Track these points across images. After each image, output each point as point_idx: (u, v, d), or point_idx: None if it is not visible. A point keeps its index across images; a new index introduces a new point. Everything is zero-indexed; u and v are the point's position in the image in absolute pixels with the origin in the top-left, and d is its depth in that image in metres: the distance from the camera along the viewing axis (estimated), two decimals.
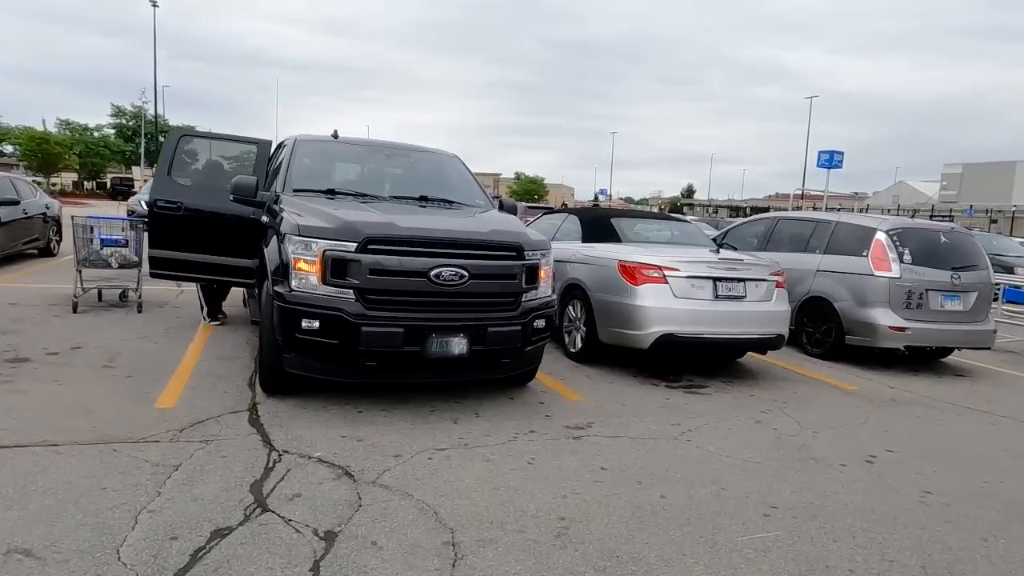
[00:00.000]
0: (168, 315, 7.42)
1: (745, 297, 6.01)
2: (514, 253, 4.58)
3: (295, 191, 5.21)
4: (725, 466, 4.00)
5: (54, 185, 51.30)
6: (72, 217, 8.26)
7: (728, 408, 5.27)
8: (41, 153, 46.69)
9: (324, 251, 4.15)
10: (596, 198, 71.18)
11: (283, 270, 4.30)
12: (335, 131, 6.06)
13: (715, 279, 5.90)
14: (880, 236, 7.15)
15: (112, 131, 55.05)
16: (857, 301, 7.08)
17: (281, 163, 5.76)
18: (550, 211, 10.05)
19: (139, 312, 7.43)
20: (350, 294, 4.17)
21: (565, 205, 46.76)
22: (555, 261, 5.28)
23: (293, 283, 4.22)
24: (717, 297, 5.89)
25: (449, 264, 4.28)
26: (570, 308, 6.61)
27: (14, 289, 8.49)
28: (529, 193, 70.18)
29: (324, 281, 4.16)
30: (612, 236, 6.84)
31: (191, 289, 7.72)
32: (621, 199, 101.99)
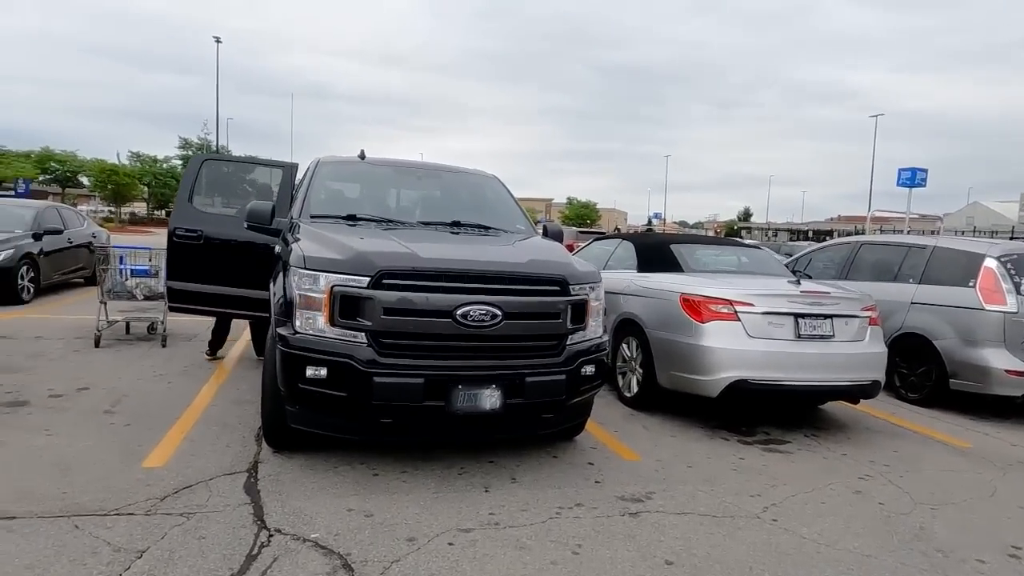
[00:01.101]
0: (193, 350, 6.98)
1: (833, 336, 5.10)
2: (557, 287, 3.86)
3: (312, 217, 4.64)
4: (826, 561, 3.13)
5: (125, 215, 53.49)
6: (92, 246, 7.99)
7: (818, 473, 4.36)
8: (112, 184, 48.71)
9: (332, 286, 3.52)
10: (650, 222, 69.75)
11: (287, 308, 3.69)
12: (362, 151, 5.50)
13: (797, 315, 5.02)
14: (990, 263, 6.11)
15: (179, 162, 57.13)
16: (963, 339, 6.04)
17: (301, 187, 5.22)
18: (601, 236, 9.31)
19: (163, 346, 7.02)
20: (361, 337, 3.52)
21: (618, 230, 45.79)
22: (606, 293, 4.53)
23: (298, 323, 3.60)
24: (799, 337, 5.00)
25: (478, 301, 3.59)
26: (624, 347, 5.82)
27: (47, 321, 8.25)
28: (581, 218, 69.35)
29: (332, 322, 3.53)
30: (671, 264, 6.04)
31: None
32: (675, 223, 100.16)
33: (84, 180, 53.02)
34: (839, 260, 7.86)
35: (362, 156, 5.49)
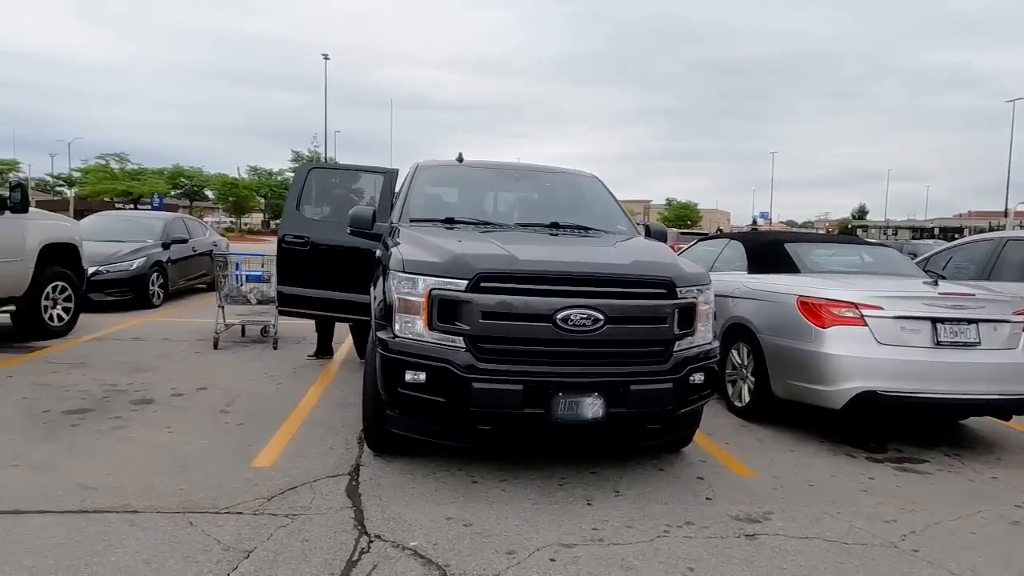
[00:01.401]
0: (301, 352, 7.23)
1: (979, 344, 4.53)
2: (663, 290, 3.63)
3: (412, 221, 4.64)
4: None
5: (245, 225, 57.38)
6: (213, 254, 8.48)
7: (964, 498, 3.87)
8: (233, 196, 52.45)
9: (431, 290, 3.47)
10: (754, 222, 66.76)
11: (387, 312, 3.68)
12: (460, 154, 5.48)
13: (935, 320, 4.50)
14: None
15: (292, 174, 60.68)
16: None
17: (401, 191, 5.27)
18: (705, 237, 8.88)
19: (275, 348, 7.33)
20: (460, 342, 3.44)
21: (720, 230, 44.11)
22: (715, 296, 4.24)
23: (397, 327, 3.58)
24: (938, 344, 4.48)
25: (580, 305, 3.42)
26: (734, 353, 5.46)
27: (173, 324, 8.85)
28: (681, 219, 67.40)
29: (431, 326, 3.48)
30: (786, 264, 5.61)
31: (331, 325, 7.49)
32: (783, 222, 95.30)
33: (209, 193, 57.34)
34: (980, 259, 7.06)
35: (460, 159, 5.47)
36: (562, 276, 3.50)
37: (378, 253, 4.67)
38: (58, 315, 7.52)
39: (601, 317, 3.43)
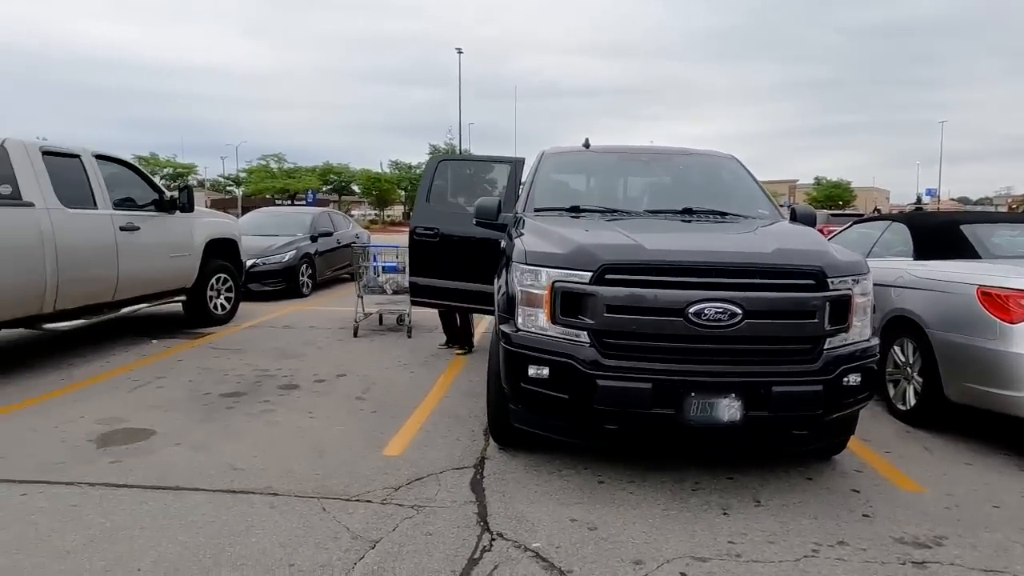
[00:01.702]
0: (433, 341, 7.41)
1: None
2: (811, 280, 3.25)
3: (536, 211, 4.54)
4: None
5: (387, 217, 60.52)
6: (352, 245, 8.89)
7: None
8: (376, 190, 55.49)
9: (554, 282, 3.34)
10: (919, 200, 60.12)
11: (510, 304, 3.60)
12: (586, 140, 5.30)
13: None
14: None
15: None
16: None
17: (526, 180, 5.18)
18: (860, 219, 8.03)
19: (409, 337, 7.57)
20: (584, 337, 3.29)
21: (877, 210, 40.26)
22: (873, 286, 3.75)
23: (519, 321, 3.49)
24: None
25: (715, 299, 3.14)
26: (896, 350, 4.86)
27: (319, 312, 9.43)
28: (832, 199, 62.22)
29: (554, 319, 3.35)
30: (962, 249, 4.89)
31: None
32: (953, 199, 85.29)
33: (355, 188, 61.04)
34: None
35: (586, 145, 5.29)
36: (694, 266, 3.24)
37: (503, 244, 4.61)
38: (221, 304, 8.25)
39: (739, 311, 3.12)
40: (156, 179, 7.71)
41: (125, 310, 6.71)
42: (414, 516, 3.17)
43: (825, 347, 3.26)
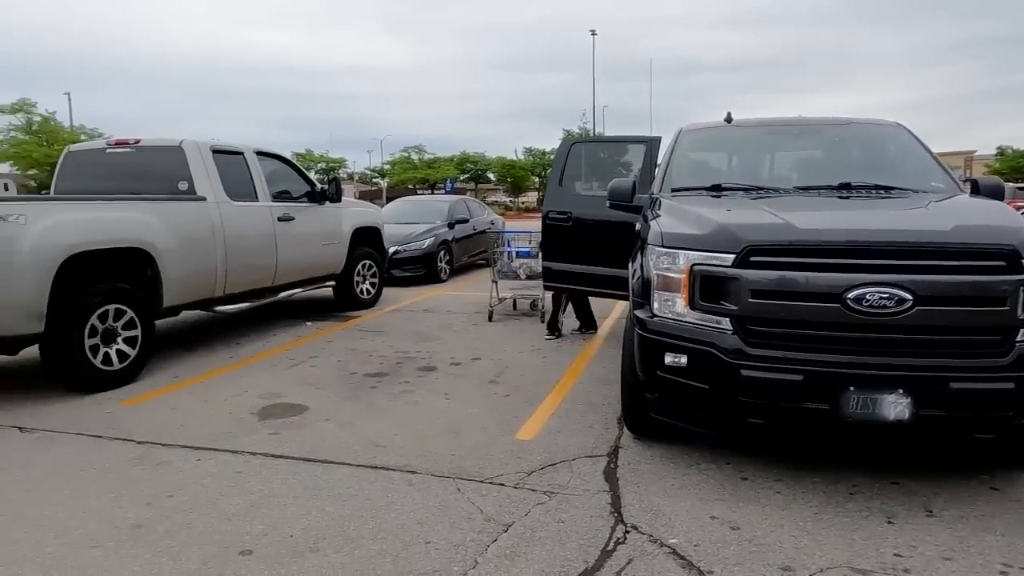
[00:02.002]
0: (566, 326, 7.35)
1: None
2: (1001, 262, 2.81)
3: (673, 191, 4.32)
4: None
5: (522, 203, 61.39)
6: (487, 231, 9.03)
7: None
8: (511, 177, 56.39)
9: (692, 265, 3.15)
10: None
11: (645, 289, 3.46)
12: (728, 114, 4.96)
13: None
14: None
15: None
16: None
17: (663, 160, 4.95)
18: None
19: (542, 322, 7.57)
20: (726, 323, 3.07)
21: None
22: None
23: (655, 306, 3.34)
24: None
25: (879, 283, 2.81)
26: None
27: (456, 297, 9.71)
28: (1019, 171, 54.65)
29: (692, 305, 3.17)
30: None
31: (595, 299, 7.49)
32: None
33: (491, 176, 62.40)
34: None
35: (728, 119, 4.95)
36: (854, 247, 2.91)
37: (638, 226, 4.44)
38: (366, 289, 8.73)
39: (909, 297, 2.77)
40: (311, 173, 8.25)
41: (282, 294, 7.28)
42: (546, 502, 3.14)
43: (1018, 339, 2.81)
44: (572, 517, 2.99)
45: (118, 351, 5.15)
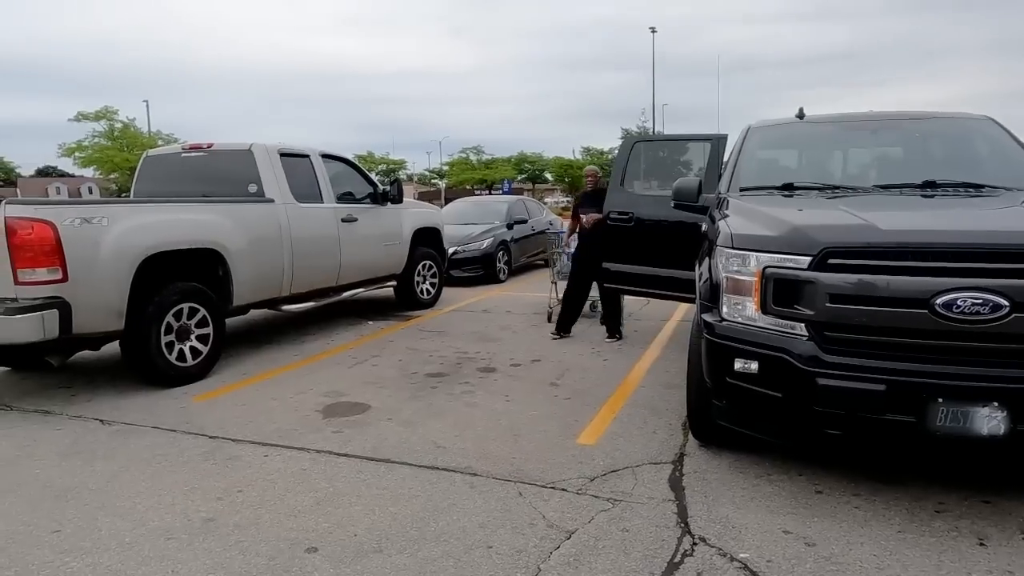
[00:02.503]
0: (627, 328, 7.24)
1: None
2: None
3: (742, 190, 4.18)
4: None
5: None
6: (546, 232, 8.97)
7: None
8: (568, 177, 56.16)
9: (764, 268, 3.02)
10: None
11: (713, 292, 3.34)
12: (800, 110, 4.76)
13: None
14: None
15: None
16: None
17: (730, 158, 4.79)
18: None
19: (601, 324, 7.46)
20: (800, 329, 2.93)
21: None
22: None
23: (724, 310, 3.22)
24: None
25: (973, 287, 2.62)
26: None
27: (515, 298, 9.70)
28: None
29: (764, 309, 3.04)
30: None
31: (656, 301, 7.34)
32: None
33: (548, 176, 62.33)
34: None
35: (800, 115, 4.75)
36: (943, 249, 2.73)
37: (704, 227, 4.31)
38: (426, 289, 8.82)
39: (1006, 304, 2.58)
40: (372, 175, 8.38)
41: (346, 294, 7.42)
42: (610, 509, 3.07)
43: None
44: (637, 526, 2.91)
45: (191, 348, 5.35)
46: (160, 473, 3.58)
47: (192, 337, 5.37)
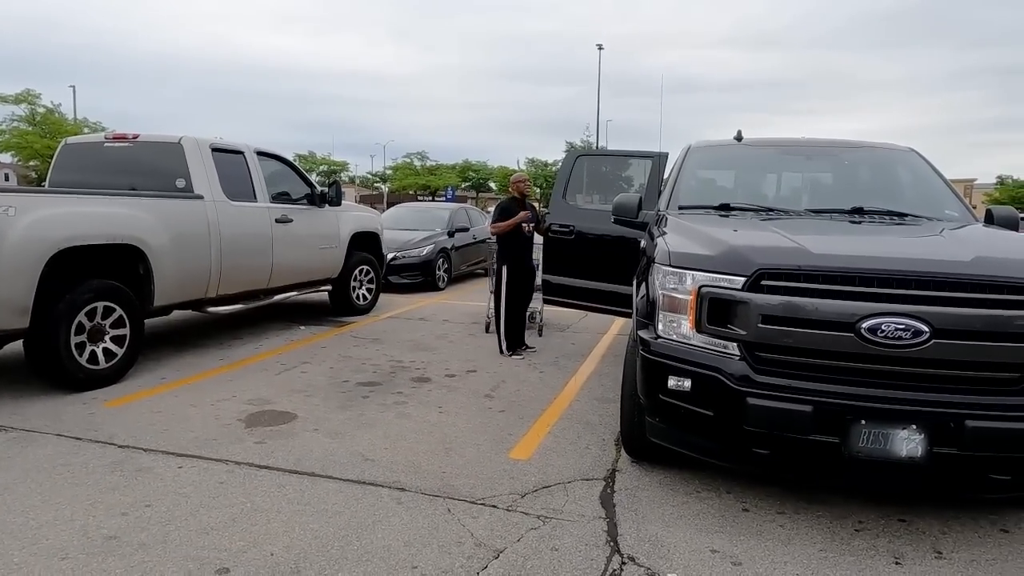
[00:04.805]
0: (564, 341, 7.26)
1: None
2: (1023, 297, 2.71)
3: (681, 208, 4.23)
4: None
5: None
6: (487, 241, 8.92)
7: None
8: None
9: (700, 287, 3.04)
10: None
11: (650, 309, 3.34)
12: (739, 132, 4.88)
13: None
14: None
15: None
16: None
17: (670, 176, 4.86)
18: None
19: (539, 335, 7.46)
20: (733, 348, 2.96)
21: None
22: None
23: (660, 327, 3.22)
24: None
25: (896, 313, 2.70)
26: None
27: (453, 306, 9.59)
28: (1018, 201, 54.82)
29: (699, 328, 3.05)
30: None
31: (594, 315, 7.35)
32: None
33: (492, 185, 62.46)
34: None
35: (739, 138, 4.87)
36: (871, 275, 2.80)
37: (643, 243, 4.34)
38: (363, 295, 8.61)
39: (926, 329, 2.67)
40: (313, 176, 8.12)
41: (277, 297, 7.16)
42: (540, 527, 3.01)
43: None
44: (567, 544, 2.86)
45: (105, 350, 5.02)
46: (60, 485, 3.31)
47: (106, 338, 5.04)
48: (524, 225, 6.33)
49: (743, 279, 2.92)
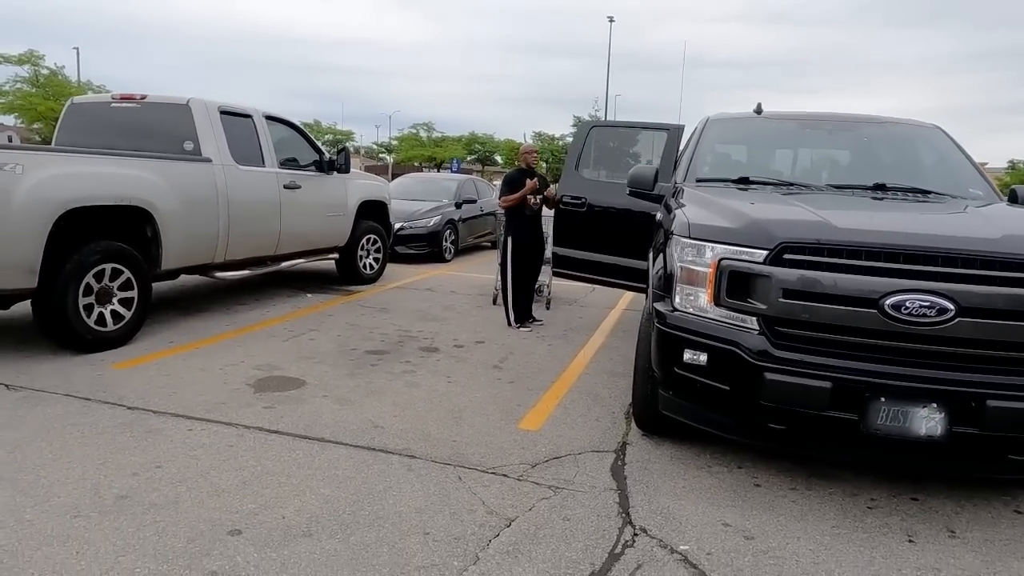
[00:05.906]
0: (572, 314, 7.22)
1: None
2: None
3: (699, 181, 4.15)
4: None
5: None
6: (495, 213, 8.84)
7: None
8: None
9: (720, 260, 2.99)
10: None
11: (666, 281, 3.29)
12: (758, 105, 4.77)
13: None
14: None
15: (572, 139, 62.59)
16: None
17: (687, 148, 4.77)
18: None
19: (547, 308, 7.42)
20: (752, 323, 2.92)
21: None
22: None
23: (676, 300, 3.18)
24: None
25: (921, 290, 2.65)
26: None
27: (461, 278, 9.55)
28: None
29: (717, 301, 3.01)
30: None
31: (603, 288, 7.31)
32: None
33: (498, 158, 61.96)
34: None
35: (758, 111, 4.77)
36: (896, 250, 2.74)
37: (658, 216, 4.27)
38: (370, 264, 8.56)
39: (951, 307, 2.62)
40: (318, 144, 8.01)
41: (284, 264, 7.12)
42: (551, 497, 3.00)
43: None
44: (578, 515, 2.85)
45: (113, 312, 4.99)
46: (70, 445, 3.31)
47: (114, 300, 5.01)
48: (530, 197, 6.26)
49: (765, 252, 2.87)
